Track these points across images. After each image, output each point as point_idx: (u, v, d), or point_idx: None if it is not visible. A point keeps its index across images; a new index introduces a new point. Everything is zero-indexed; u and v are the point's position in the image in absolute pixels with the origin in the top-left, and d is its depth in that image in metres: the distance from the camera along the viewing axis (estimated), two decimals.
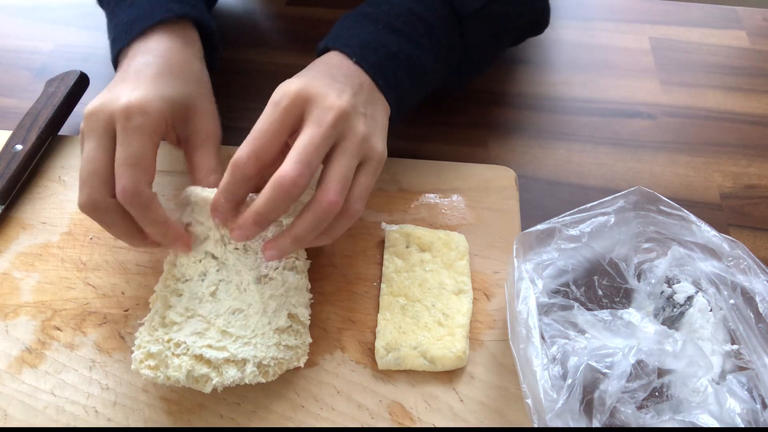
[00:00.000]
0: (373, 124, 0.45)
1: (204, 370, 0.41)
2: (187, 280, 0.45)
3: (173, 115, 0.45)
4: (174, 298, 0.44)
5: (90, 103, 0.43)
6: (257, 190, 0.42)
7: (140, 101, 0.42)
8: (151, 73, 0.46)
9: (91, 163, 0.42)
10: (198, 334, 0.43)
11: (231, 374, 0.41)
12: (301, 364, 0.44)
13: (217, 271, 0.45)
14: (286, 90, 0.42)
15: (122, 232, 0.44)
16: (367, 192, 0.44)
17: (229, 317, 0.44)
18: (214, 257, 0.46)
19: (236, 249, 0.46)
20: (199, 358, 0.41)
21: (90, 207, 0.42)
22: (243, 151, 0.41)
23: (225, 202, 0.42)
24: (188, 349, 0.41)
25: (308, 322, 0.46)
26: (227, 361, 0.42)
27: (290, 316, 0.45)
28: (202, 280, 0.45)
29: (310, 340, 0.45)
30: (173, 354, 0.41)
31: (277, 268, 0.46)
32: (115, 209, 0.42)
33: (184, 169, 0.51)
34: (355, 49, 0.48)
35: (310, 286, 0.47)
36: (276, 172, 0.40)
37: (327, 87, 0.43)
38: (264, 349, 0.42)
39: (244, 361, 0.42)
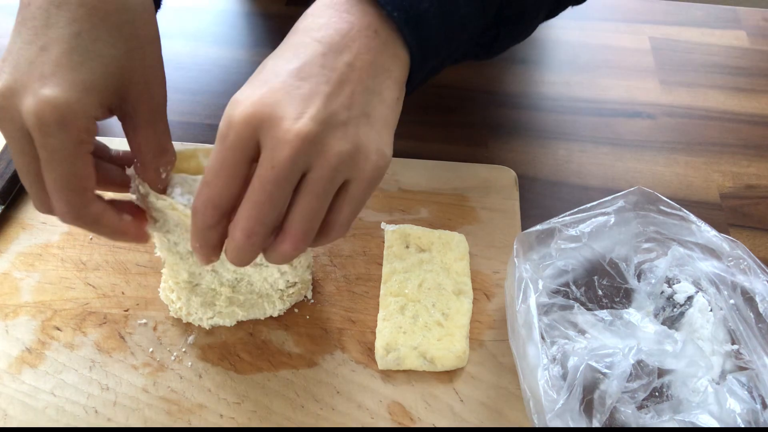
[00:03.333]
0: (365, 123, 0.34)
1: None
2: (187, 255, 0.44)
3: (102, 102, 0.34)
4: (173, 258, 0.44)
5: None
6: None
7: (55, 110, 0.32)
8: (66, 35, 0.33)
9: (21, 172, 0.35)
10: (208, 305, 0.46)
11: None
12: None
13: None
14: (231, 118, 0.32)
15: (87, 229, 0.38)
16: (350, 219, 0.35)
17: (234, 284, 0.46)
18: None
19: None
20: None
21: (44, 212, 0.37)
22: (198, 200, 0.33)
23: (201, 247, 0.35)
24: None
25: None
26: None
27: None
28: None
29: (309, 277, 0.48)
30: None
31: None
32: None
33: None
34: None
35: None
36: (230, 226, 0.33)
37: (287, 96, 0.32)
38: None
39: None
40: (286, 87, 0.32)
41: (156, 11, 0.41)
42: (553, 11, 0.54)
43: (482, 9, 0.41)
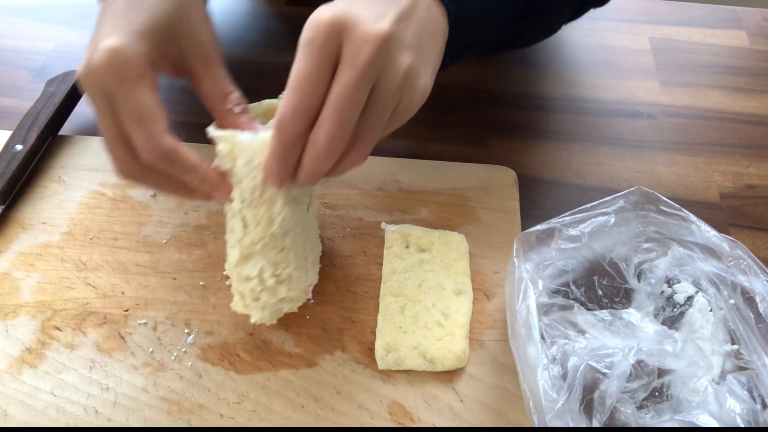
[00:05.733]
0: (419, 56, 0.38)
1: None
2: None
3: (157, 46, 0.39)
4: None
5: (80, 63, 0.38)
6: None
7: (115, 50, 0.37)
8: (121, 4, 0.39)
9: (106, 134, 0.39)
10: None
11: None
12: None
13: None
14: (317, 21, 0.34)
15: (169, 188, 0.41)
16: (386, 133, 0.39)
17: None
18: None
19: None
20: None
21: (127, 177, 0.40)
22: (286, 107, 0.35)
23: (280, 169, 0.37)
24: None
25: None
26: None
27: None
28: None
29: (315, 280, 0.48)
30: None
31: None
32: (150, 171, 0.39)
33: None
34: None
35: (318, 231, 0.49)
36: (312, 133, 0.36)
37: (366, 8, 0.35)
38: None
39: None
40: (365, 1, 0.36)
41: None
42: (577, 12, 0.58)
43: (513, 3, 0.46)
